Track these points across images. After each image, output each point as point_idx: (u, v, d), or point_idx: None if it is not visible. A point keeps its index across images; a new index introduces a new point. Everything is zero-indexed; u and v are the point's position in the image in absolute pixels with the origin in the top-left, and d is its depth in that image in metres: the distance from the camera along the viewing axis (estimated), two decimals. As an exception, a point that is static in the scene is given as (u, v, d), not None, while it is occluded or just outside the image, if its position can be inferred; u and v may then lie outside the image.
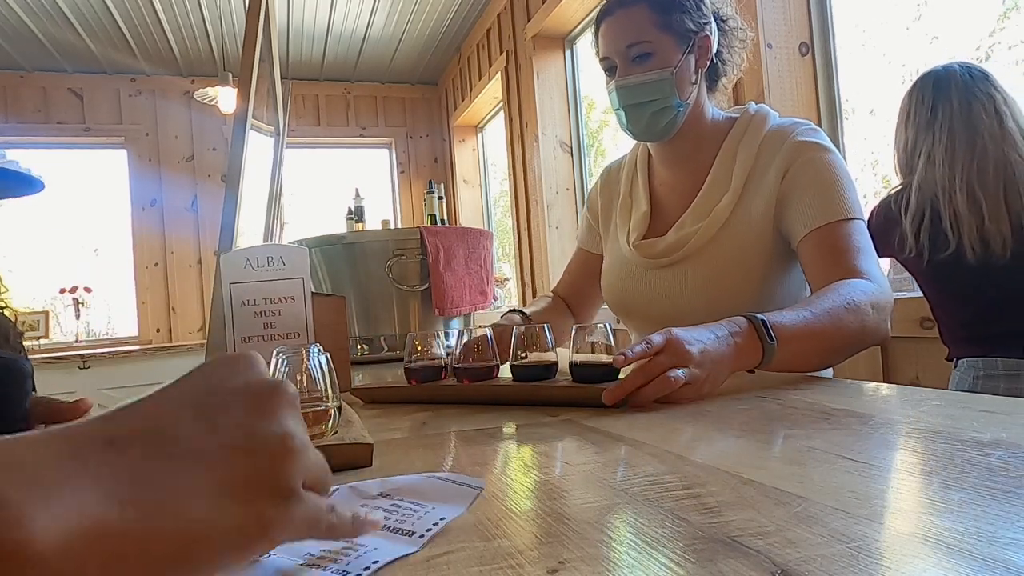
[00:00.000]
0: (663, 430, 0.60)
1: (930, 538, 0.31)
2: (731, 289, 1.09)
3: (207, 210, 5.10)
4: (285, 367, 0.56)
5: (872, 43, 2.23)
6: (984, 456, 0.44)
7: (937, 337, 1.75)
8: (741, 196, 1.10)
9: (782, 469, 0.44)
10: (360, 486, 0.42)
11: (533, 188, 4.00)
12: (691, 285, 1.12)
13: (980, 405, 0.61)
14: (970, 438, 0.49)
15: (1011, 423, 0.53)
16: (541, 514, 0.39)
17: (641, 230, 1.21)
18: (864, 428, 0.55)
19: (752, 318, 0.79)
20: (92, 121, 4.94)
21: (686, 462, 0.48)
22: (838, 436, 0.53)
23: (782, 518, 0.35)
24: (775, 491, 0.40)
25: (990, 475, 0.40)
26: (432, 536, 0.35)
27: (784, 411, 0.65)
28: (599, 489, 0.43)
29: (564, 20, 3.73)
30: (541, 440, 0.60)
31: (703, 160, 1.17)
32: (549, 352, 0.80)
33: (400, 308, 1.63)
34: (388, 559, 0.32)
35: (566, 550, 0.33)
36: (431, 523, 0.36)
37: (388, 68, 5.35)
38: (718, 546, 0.32)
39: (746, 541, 0.32)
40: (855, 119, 2.35)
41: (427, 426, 0.71)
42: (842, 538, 0.32)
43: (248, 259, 0.92)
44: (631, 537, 0.34)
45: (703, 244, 1.11)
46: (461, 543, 0.35)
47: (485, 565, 0.32)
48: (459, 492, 0.40)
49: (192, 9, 4.14)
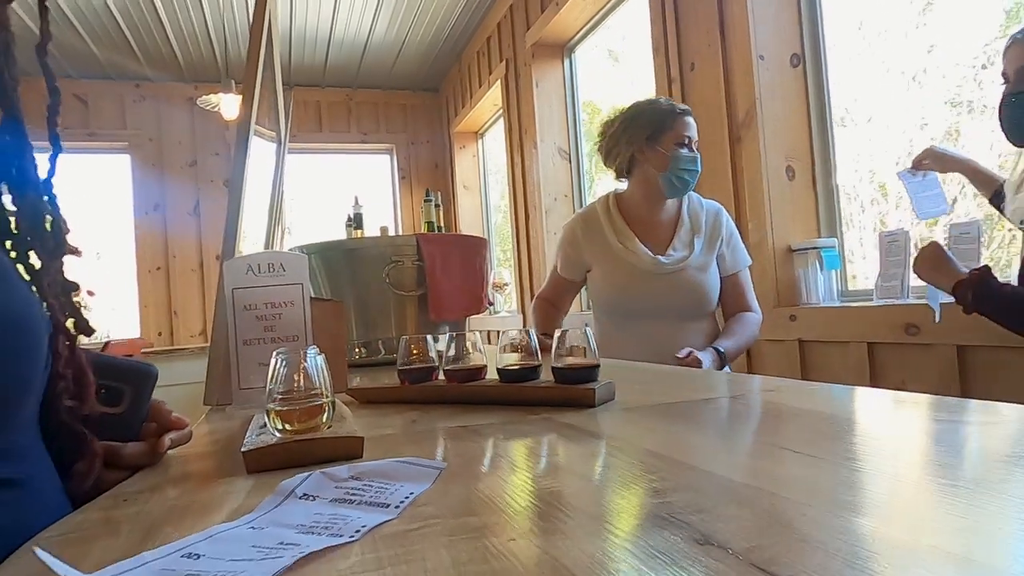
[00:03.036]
0: (631, 426, 0.65)
1: (837, 513, 0.35)
2: (704, 290, 1.82)
3: (209, 215, 5.16)
4: (284, 367, 0.60)
5: (872, 50, 2.28)
6: (890, 444, 0.48)
7: (922, 343, 1.79)
8: (707, 242, 1.85)
9: (729, 459, 0.49)
10: (330, 471, 0.47)
11: (532, 194, 4.05)
12: (683, 287, 1.81)
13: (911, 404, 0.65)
14: (891, 434, 0.53)
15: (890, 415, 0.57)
16: (508, 496, 0.44)
17: (646, 251, 1.83)
18: (810, 423, 0.60)
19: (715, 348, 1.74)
20: (96, 126, 5.00)
21: (646, 453, 0.53)
22: (787, 431, 0.57)
23: (719, 499, 0.40)
24: (719, 477, 0.44)
25: (893, 461, 0.44)
26: (406, 507, 0.40)
27: (745, 410, 0.69)
28: (565, 476, 0.48)
29: (563, 29, 3.79)
30: (520, 435, 0.65)
31: (669, 211, 1.89)
32: (533, 356, 0.85)
33: (397, 313, 1.68)
34: (373, 524, 0.37)
35: (525, 524, 0.37)
36: (403, 497, 0.41)
37: (390, 75, 5.41)
38: (657, 520, 0.36)
39: (683, 516, 0.37)
40: (852, 128, 2.40)
41: (417, 423, 0.76)
42: (764, 513, 0.36)
43: (250, 265, 0.97)
44: (583, 513, 0.39)
45: (693, 264, 1.82)
46: (435, 520, 0.40)
47: (454, 536, 0.36)
48: (422, 472, 0.45)
49: (196, 16, 4.21)
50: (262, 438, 0.57)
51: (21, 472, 0.43)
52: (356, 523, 0.37)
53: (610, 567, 0.31)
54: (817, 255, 2.25)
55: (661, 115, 1.80)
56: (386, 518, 0.38)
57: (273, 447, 0.55)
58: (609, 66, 4.01)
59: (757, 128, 2.32)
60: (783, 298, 2.31)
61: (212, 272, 5.13)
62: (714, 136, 2.51)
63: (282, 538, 0.36)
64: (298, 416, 0.57)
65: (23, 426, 0.44)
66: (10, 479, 0.42)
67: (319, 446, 0.55)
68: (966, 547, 0.30)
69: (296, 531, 0.37)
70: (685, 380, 1.00)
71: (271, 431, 0.58)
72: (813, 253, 2.25)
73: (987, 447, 0.50)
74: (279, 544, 0.35)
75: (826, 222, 2.35)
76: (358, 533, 0.36)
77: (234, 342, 0.98)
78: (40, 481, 0.45)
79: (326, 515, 0.39)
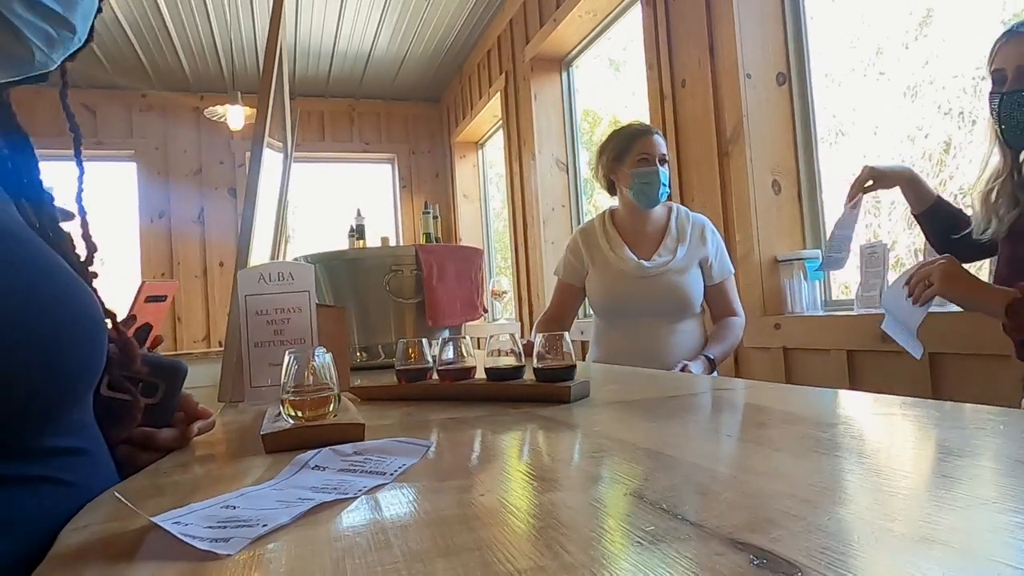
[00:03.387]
0: (601, 417, 0.74)
1: (749, 480, 0.45)
2: (684, 293, 2.00)
3: (213, 222, 5.26)
4: (296, 364, 0.69)
5: (865, 64, 2.36)
6: (810, 431, 0.58)
7: (897, 351, 1.88)
8: (689, 249, 2.02)
9: (680, 442, 0.58)
10: (338, 448, 0.56)
11: (530, 204, 4.15)
12: (665, 289, 1.99)
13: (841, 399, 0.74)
14: (822, 421, 0.62)
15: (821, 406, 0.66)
16: (485, 468, 0.53)
17: (631, 256, 2.04)
18: (758, 417, 0.69)
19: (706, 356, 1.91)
20: (103, 135, 5.12)
21: (609, 439, 0.62)
22: (733, 420, 0.66)
23: (655, 469, 0.49)
24: (661, 455, 0.53)
25: (818, 444, 0.53)
26: (398, 475, 0.49)
27: (703, 403, 0.78)
28: (535, 455, 0.57)
29: (561, 43, 3.90)
30: (502, 425, 0.74)
31: (657, 223, 2.08)
32: (518, 358, 0.94)
33: (396, 319, 1.77)
34: (372, 485, 0.47)
35: (492, 485, 0.47)
36: (396, 467, 0.50)
37: (392, 85, 5.52)
38: (602, 483, 0.45)
39: (622, 480, 0.46)
40: (843, 140, 2.48)
41: (412, 416, 0.85)
42: (688, 480, 0.45)
43: (262, 274, 1.06)
44: (541, 477, 0.48)
45: (673, 268, 1.99)
46: (422, 482, 0.49)
47: (434, 493, 0.46)
48: (413, 449, 0.54)
49: (203, 30, 4.32)
50: (277, 424, 0.67)
51: (88, 441, 0.53)
52: (358, 485, 0.47)
53: (551, 512, 0.40)
54: (802, 266, 2.34)
55: (624, 138, 2.04)
56: (383, 482, 0.48)
57: (288, 431, 0.64)
58: (610, 75, 4.12)
59: (744, 143, 2.42)
60: (769, 307, 2.40)
61: (216, 279, 5.23)
62: (703, 150, 2.61)
63: (300, 495, 0.45)
64: (309, 405, 0.67)
65: (88, 401, 0.54)
66: (81, 448, 0.51)
67: (327, 431, 0.64)
68: (931, 530, 0.39)
69: (311, 491, 0.46)
70: (657, 380, 1.09)
71: (285, 418, 0.67)
72: (798, 264, 2.35)
73: (936, 439, 0.59)
74: (298, 499, 0.44)
75: (811, 234, 2.44)
76: (360, 492, 0.46)
77: (246, 344, 1.07)
78: (99, 447, 0.55)
79: (334, 480, 0.48)
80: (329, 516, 0.42)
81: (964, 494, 0.39)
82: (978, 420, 0.60)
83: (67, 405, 0.49)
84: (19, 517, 0.44)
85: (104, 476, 0.54)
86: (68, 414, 0.50)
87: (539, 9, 3.92)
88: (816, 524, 0.35)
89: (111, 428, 0.58)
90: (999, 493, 0.40)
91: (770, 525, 0.35)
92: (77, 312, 0.50)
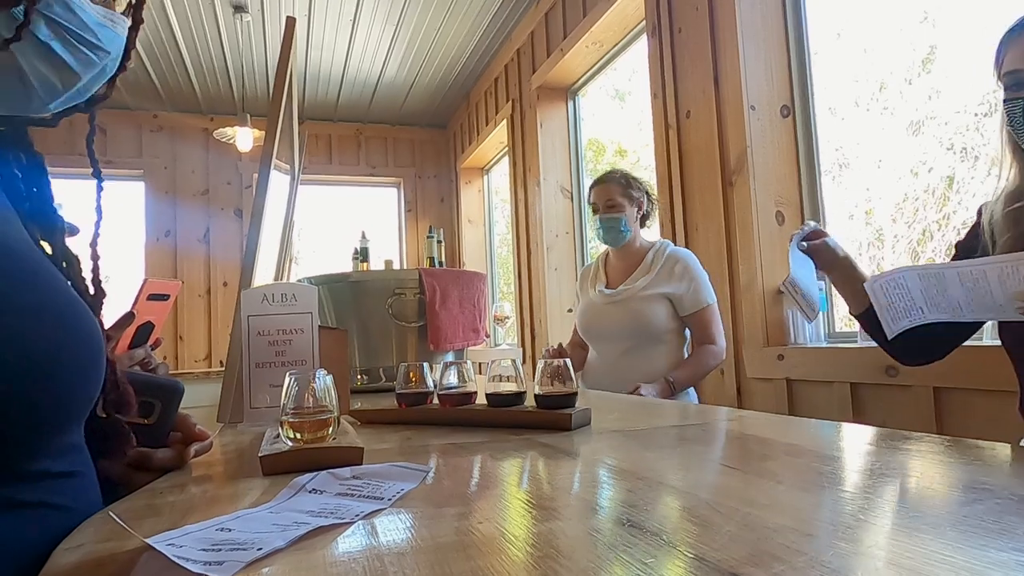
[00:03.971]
0: (602, 445, 0.73)
1: (733, 506, 0.44)
2: (644, 318, 2.13)
3: (219, 242, 5.28)
4: (296, 386, 0.69)
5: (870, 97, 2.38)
6: (813, 464, 0.57)
7: (901, 384, 1.87)
8: (654, 279, 2.15)
9: (677, 471, 0.58)
10: (336, 471, 0.56)
11: (534, 231, 4.17)
12: (626, 314, 2.15)
13: (818, 428, 0.74)
14: (825, 454, 0.62)
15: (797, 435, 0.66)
16: (483, 494, 0.52)
17: (603, 287, 2.26)
18: (760, 449, 0.68)
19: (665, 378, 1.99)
20: (113, 153, 5.17)
21: (610, 467, 0.61)
22: (735, 451, 0.66)
23: (655, 499, 0.48)
24: (662, 485, 0.53)
25: (821, 477, 0.53)
26: (395, 500, 0.49)
27: (705, 434, 0.78)
28: (534, 483, 0.57)
29: (567, 73, 3.95)
30: (502, 451, 0.73)
31: (636, 257, 2.24)
32: (519, 383, 0.93)
33: (398, 342, 1.77)
34: (370, 510, 0.46)
35: (491, 512, 0.46)
36: (394, 492, 0.50)
37: (399, 111, 5.58)
38: (601, 512, 0.45)
39: (621, 510, 0.45)
40: (848, 173, 2.50)
41: (411, 440, 0.84)
42: (689, 511, 0.45)
43: (265, 295, 1.07)
44: (541, 506, 0.48)
45: (634, 295, 2.15)
46: (420, 508, 0.48)
47: (432, 520, 0.45)
48: (412, 474, 0.54)
49: (216, 53, 4.39)
50: (276, 446, 0.66)
51: (81, 464, 0.52)
52: (356, 509, 0.46)
53: (550, 541, 0.40)
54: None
55: (589, 189, 2.32)
56: (380, 507, 0.47)
57: (286, 453, 0.64)
58: (615, 105, 4.17)
59: (748, 174, 2.43)
60: (772, 338, 2.40)
61: (219, 298, 5.24)
62: (708, 180, 2.63)
63: (296, 519, 0.45)
64: (308, 428, 0.66)
65: (82, 423, 0.53)
66: (74, 471, 0.51)
67: (325, 454, 0.64)
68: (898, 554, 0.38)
69: (307, 515, 0.46)
70: (658, 410, 1.08)
71: (284, 440, 0.67)
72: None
73: (940, 474, 0.58)
74: (294, 523, 0.44)
75: (814, 265, 2.43)
76: (357, 516, 0.45)
77: (247, 365, 1.07)
78: (89, 470, 0.54)
79: (331, 504, 0.48)
80: (325, 541, 0.42)
81: (969, 530, 0.38)
82: (981, 455, 0.59)
83: (62, 427, 0.49)
84: (10, 541, 0.43)
85: (94, 499, 0.54)
86: (62, 436, 0.49)
87: (546, 39, 3.97)
88: (818, 559, 0.34)
89: (103, 451, 0.57)
90: (1002, 529, 0.39)
91: (772, 559, 0.34)
92: (78, 334, 0.50)
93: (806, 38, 2.49)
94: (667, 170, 2.86)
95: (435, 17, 4.10)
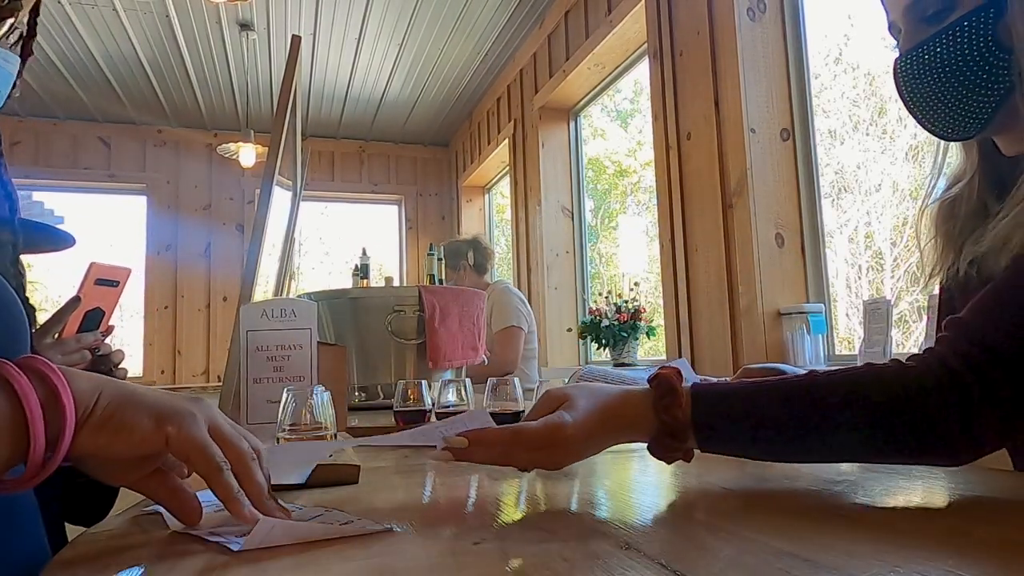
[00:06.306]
0: (600, 467, 0.73)
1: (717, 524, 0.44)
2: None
3: (219, 257, 5.29)
4: (294, 402, 0.69)
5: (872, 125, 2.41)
6: (812, 488, 0.57)
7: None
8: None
9: (675, 493, 0.57)
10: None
11: (535, 250, 4.18)
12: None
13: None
14: (824, 478, 0.61)
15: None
16: (479, 515, 0.52)
17: None
18: (759, 472, 0.68)
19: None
20: (117, 168, 5.19)
21: (608, 490, 0.61)
22: (733, 474, 0.65)
23: (653, 522, 0.48)
24: (659, 507, 0.52)
25: (820, 502, 0.52)
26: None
27: (703, 456, 0.77)
28: (531, 504, 0.56)
29: (569, 94, 3.98)
30: (499, 471, 0.73)
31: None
32: (517, 402, 0.93)
33: (397, 359, 1.76)
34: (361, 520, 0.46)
35: (487, 533, 0.46)
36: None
37: (402, 129, 5.62)
38: (599, 535, 0.45)
39: (619, 533, 0.45)
40: (848, 197, 2.51)
41: (408, 459, 0.84)
42: (687, 535, 0.44)
43: (265, 310, 1.06)
44: (538, 527, 0.47)
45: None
46: (416, 527, 0.48)
47: (427, 540, 0.45)
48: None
49: (221, 70, 4.43)
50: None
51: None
52: (343, 518, 0.45)
53: (547, 563, 0.39)
54: (804, 319, 2.34)
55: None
56: (377, 527, 0.47)
57: (281, 470, 0.63)
58: (616, 127, 4.20)
59: (748, 196, 2.44)
60: (771, 360, 2.39)
61: (219, 313, 5.24)
62: (707, 202, 2.64)
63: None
64: (304, 444, 0.66)
65: None
66: None
67: (321, 471, 0.63)
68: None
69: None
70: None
71: (280, 457, 0.66)
72: (800, 317, 2.34)
73: (941, 500, 0.58)
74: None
75: (814, 288, 2.44)
76: (347, 524, 0.44)
77: (245, 380, 1.07)
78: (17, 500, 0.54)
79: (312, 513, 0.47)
80: (319, 557, 0.41)
81: (970, 557, 0.38)
82: (983, 482, 0.59)
83: None
84: None
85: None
86: None
87: (549, 60, 4.01)
88: (818, 585, 0.34)
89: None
90: (1008, 557, 0.39)
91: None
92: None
93: (806, 62, 2.51)
94: (667, 191, 2.87)
95: (439, 37, 4.14)
